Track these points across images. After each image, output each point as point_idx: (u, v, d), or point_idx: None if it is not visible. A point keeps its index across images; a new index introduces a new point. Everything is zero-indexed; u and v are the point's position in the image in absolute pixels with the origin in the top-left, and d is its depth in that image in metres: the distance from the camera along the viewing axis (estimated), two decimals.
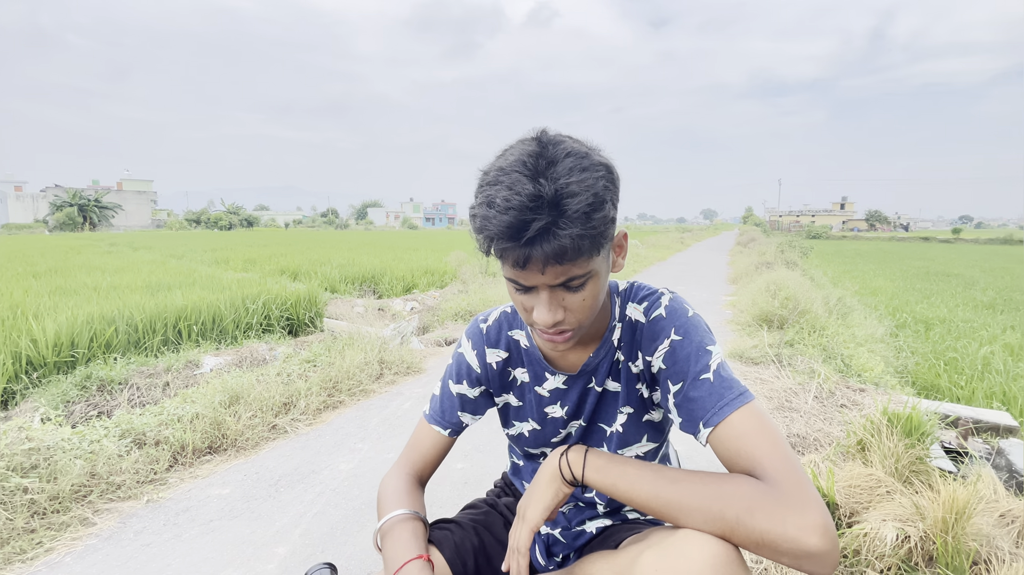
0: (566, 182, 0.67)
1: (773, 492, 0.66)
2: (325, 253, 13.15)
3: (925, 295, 9.52)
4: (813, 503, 0.64)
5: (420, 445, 1.02)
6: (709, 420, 0.76)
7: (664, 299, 0.87)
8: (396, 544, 0.85)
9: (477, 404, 1.02)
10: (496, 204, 0.68)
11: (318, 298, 6.36)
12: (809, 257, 16.29)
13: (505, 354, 0.99)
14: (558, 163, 0.69)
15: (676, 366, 0.82)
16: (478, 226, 0.71)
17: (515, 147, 0.74)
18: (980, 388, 4.13)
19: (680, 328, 0.83)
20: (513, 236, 0.68)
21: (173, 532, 1.98)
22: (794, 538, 0.62)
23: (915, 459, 2.07)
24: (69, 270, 8.89)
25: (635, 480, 0.75)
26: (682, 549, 0.67)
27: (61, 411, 3.20)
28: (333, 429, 2.97)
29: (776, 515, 0.64)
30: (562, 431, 0.98)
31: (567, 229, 0.67)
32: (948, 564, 1.54)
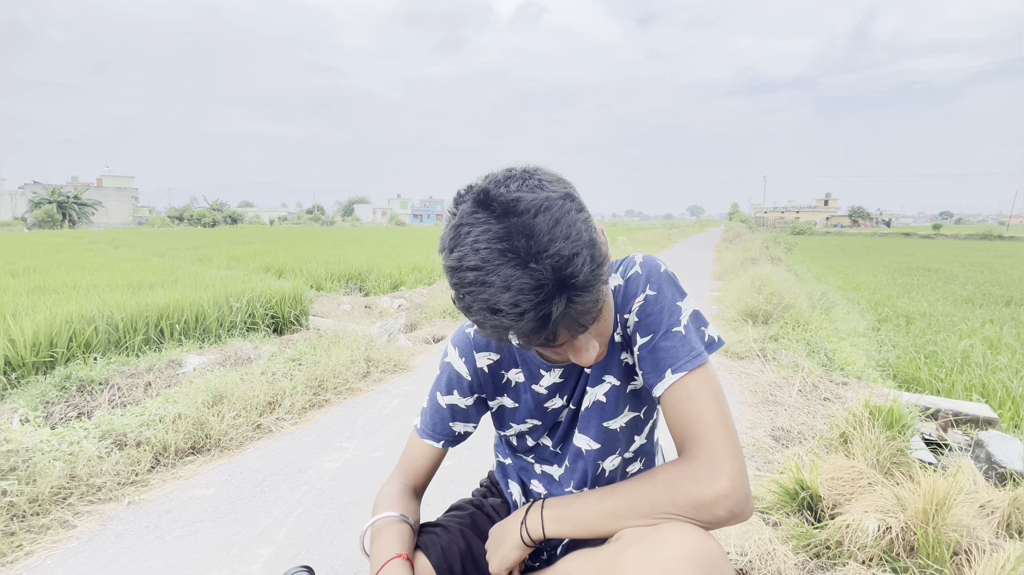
0: (556, 251, 0.62)
1: (693, 465, 0.75)
2: (311, 250, 13.02)
3: (906, 290, 9.67)
4: (727, 466, 0.73)
5: (413, 458, 1.01)
6: (674, 369, 0.80)
7: (638, 258, 0.89)
8: (380, 545, 0.87)
9: (469, 413, 0.99)
10: (502, 311, 0.63)
11: (303, 296, 6.29)
12: (793, 253, 16.49)
13: (496, 356, 0.96)
14: (534, 233, 0.62)
15: (648, 319, 0.84)
16: (489, 332, 0.67)
17: (468, 224, 0.65)
18: (960, 381, 4.20)
19: (655, 283, 0.85)
20: (537, 334, 0.65)
21: (155, 534, 1.95)
22: (708, 507, 0.72)
23: (896, 451, 2.11)
24: (48, 268, 8.70)
25: (588, 516, 0.82)
26: (661, 541, 0.69)
27: (40, 412, 3.13)
28: (319, 428, 2.94)
29: (694, 490, 0.73)
30: (559, 417, 0.97)
31: (584, 296, 0.64)
32: (929, 554, 1.57)
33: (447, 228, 0.68)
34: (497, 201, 0.64)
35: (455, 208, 0.69)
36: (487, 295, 0.63)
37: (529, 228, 0.62)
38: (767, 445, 2.65)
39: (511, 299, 0.62)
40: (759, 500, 2.04)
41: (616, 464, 0.96)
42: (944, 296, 8.95)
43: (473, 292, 0.64)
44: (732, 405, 3.25)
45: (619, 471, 0.97)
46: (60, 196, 47.24)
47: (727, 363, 4.12)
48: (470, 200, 0.66)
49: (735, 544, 1.73)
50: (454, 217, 0.68)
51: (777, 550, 1.67)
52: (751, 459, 2.51)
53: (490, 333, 0.67)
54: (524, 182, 0.67)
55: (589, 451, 0.94)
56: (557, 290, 0.62)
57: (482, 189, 0.66)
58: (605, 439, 0.93)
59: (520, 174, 0.69)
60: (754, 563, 1.66)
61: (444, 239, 0.68)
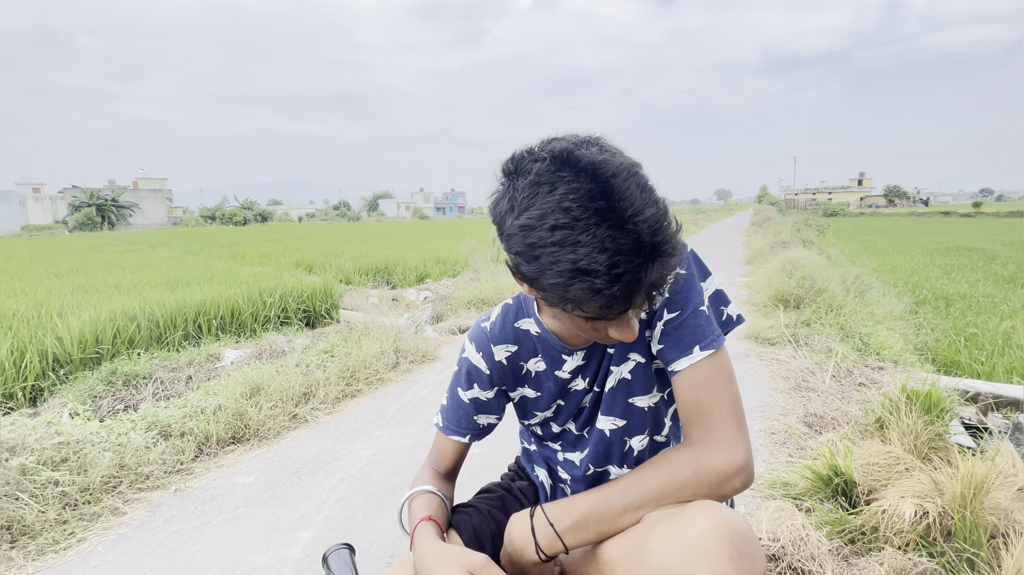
0: (650, 215, 0.61)
1: (713, 442, 0.78)
2: (339, 245, 13.25)
3: (945, 271, 9.34)
4: (742, 442, 0.77)
5: (441, 451, 1.03)
6: (692, 351, 0.81)
7: None
8: (413, 513, 0.91)
9: (492, 405, 1.00)
10: (597, 272, 0.60)
11: (333, 290, 6.42)
12: (826, 235, 16.04)
13: (514, 347, 0.95)
14: (627, 195, 0.61)
15: (676, 296, 0.84)
16: (574, 295, 0.63)
17: (550, 183, 0.62)
18: (1001, 363, 4.07)
19: (684, 262, 0.84)
20: (625, 299, 0.64)
21: (201, 519, 2.05)
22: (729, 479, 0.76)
23: (934, 436, 2.06)
24: (90, 269, 9.07)
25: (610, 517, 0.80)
26: (687, 520, 0.70)
27: (89, 406, 3.29)
28: (352, 417, 3.02)
29: (717, 465, 0.76)
30: (583, 400, 0.97)
31: (670, 261, 0.65)
32: (966, 539, 1.54)
33: (515, 187, 0.66)
34: (584, 161, 0.62)
35: (517, 169, 0.67)
36: (576, 255, 0.60)
37: (623, 191, 0.61)
38: (800, 431, 2.62)
39: (609, 260, 0.60)
40: (791, 486, 2.02)
41: (645, 444, 0.95)
42: (985, 276, 8.62)
43: (558, 253, 0.61)
44: (763, 392, 3.21)
45: (647, 451, 0.96)
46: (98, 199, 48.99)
47: (758, 349, 4.07)
48: (548, 159, 0.64)
49: (767, 530, 1.73)
50: (522, 176, 0.65)
51: (811, 536, 1.66)
52: (783, 445, 2.49)
53: (572, 296, 0.63)
54: (601, 148, 0.66)
55: (614, 430, 0.94)
56: (651, 255, 0.62)
57: (564, 149, 0.64)
58: (631, 417, 0.93)
59: (593, 139, 0.68)
60: (787, 549, 1.65)
61: (511, 198, 0.66)
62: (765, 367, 3.66)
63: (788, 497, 1.97)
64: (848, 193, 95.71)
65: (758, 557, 0.68)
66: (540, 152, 0.66)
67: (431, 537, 0.82)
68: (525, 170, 0.66)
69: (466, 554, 0.77)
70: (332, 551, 0.82)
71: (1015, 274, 8.77)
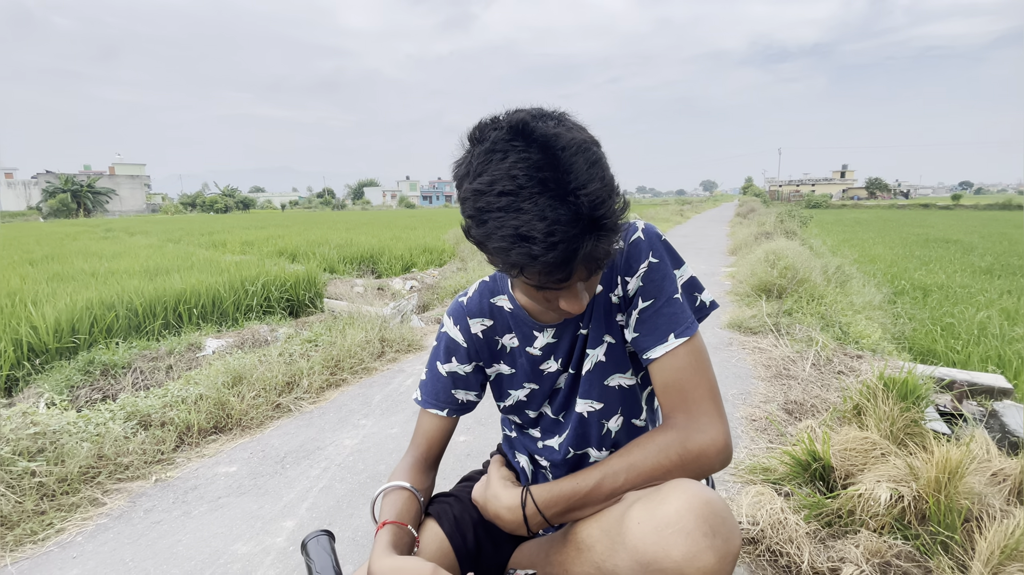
0: (593, 190, 0.63)
1: (695, 425, 0.81)
2: (323, 234, 13.10)
3: (924, 262, 9.53)
4: (722, 424, 0.81)
5: (423, 431, 1.02)
6: (672, 336, 0.84)
7: (640, 224, 0.90)
8: (380, 513, 0.89)
9: (470, 380, 1.00)
10: (535, 239, 0.63)
11: (317, 279, 6.35)
12: (808, 226, 16.25)
13: (490, 322, 0.98)
14: (572, 169, 0.63)
15: (651, 284, 0.86)
16: (514, 259, 0.65)
17: (503, 151, 0.65)
18: (976, 352, 4.16)
19: (657, 251, 0.88)
20: (561, 268, 0.66)
21: (182, 509, 2.03)
22: (710, 460, 0.80)
23: (910, 422, 2.11)
24: (66, 256, 8.86)
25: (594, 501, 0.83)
26: (663, 497, 0.71)
27: (65, 396, 3.23)
28: (336, 406, 3.00)
29: (698, 446, 0.80)
30: (557, 381, 0.98)
31: (609, 237, 0.67)
32: (940, 522, 1.58)
33: (472, 153, 0.68)
34: (537, 132, 0.65)
35: (480, 136, 0.69)
36: (518, 222, 0.63)
37: (569, 164, 0.63)
38: (780, 418, 2.66)
39: (546, 228, 0.62)
40: (771, 472, 2.06)
41: (620, 424, 0.96)
42: (962, 268, 8.81)
43: (502, 218, 0.64)
44: (745, 379, 3.25)
45: (623, 433, 0.96)
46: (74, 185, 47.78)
47: (740, 338, 4.12)
48: (505, 128, 0.66)
49: (747, 514, 1.76)
50: (480, 144, 0.68)
51: (789, 519, 1.69)
52: (764, 432, 2.53)
53: (512, 260, 0.66)
54: (559, 122, 0.68)
55: (592, 413, 0.95)
56: (589, 228, 0.64)
57: (520, 119, 0.66)
58: (608, 399, 0.94)
59: (553, 114, 0.70)
60: (766, 532, 1.68)
61: (468, 163, 0.68)
62: (747, 355, 3.71)
63: (768, 482, 2.00)
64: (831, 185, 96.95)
65: (733, 535, 0.69)
66: (501, 121, 0.68)
67: (383, 549, 0.79)
68: (484, 138, 0.68)
69: (413, 569, 0.74)
70: (311, 537, 0.81)
71: (992, 265, 8.97)
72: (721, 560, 0.66)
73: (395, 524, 0.85)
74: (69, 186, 47.38)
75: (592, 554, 0.80)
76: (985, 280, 7.55)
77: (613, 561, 0.75)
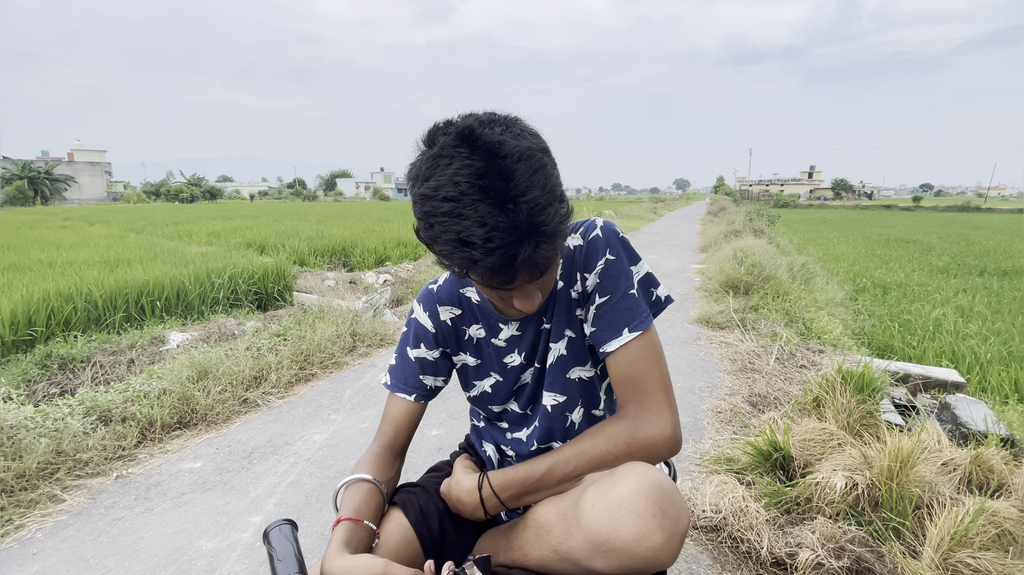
0: (533, 198, 0.66)
1: (646, 415, 0.85)
2: (293, 225, 12.85)
3: (884, 261, 9.88)
4: (672, 415, 0.85)
5: (390, 416, 1.02)
6: (628, 330, 0.87)
7: (599, 223, 0.94)
8: (340, 506, 0.89)
9: (438, 366, 1.03)
10: (474, 244, 0.65)
11: (287, 271, 6.24)
12: (776, 225, 16.66)
13: (458, 311, 1.01)
14: (514, 177, 0.65)
15: (607, 280, 0.90)
16: (457, 263, 0.69)
17: (449, 157, 0.67)
18: (931, 348, 4.35)
19: (615, 248, 0.91)
20: (501, 272, 0.68)
21: (145, 506, 1.98)
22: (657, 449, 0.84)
23: (866, 414, 2.19)
24: (22, 246, 8.50)
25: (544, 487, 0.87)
26: (615, 480, 0.75)
27: (22, 390, 3.11)
28: (306, 401, 2.97)
29: (649, 434, 0.83)
30: (521, 377, 1.00)
31: (550, 244, 0.69)
32: (892, 509, 1.65)
33: (423, 157, 0.70)
34: (482, 140, 0.66)
35: (432, 140, 0.70)
36: (460, 227, 0.65)
37: (510, 172, 0.65)
38: (744, 410, 2.73)
39: (484, 235, 0.65)
40: (735, 462, 2.12)
41: (581, 416, 0.99)
42: (920, 267, 9.16)
43: (445, 223, 0.66)
44: (712, 373, 3.33)
45: (586, 425, 0.99)
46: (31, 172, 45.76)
47: (708, 333, 4.21)
48: (453, 134, 0.68)
49: (710, 503, 1.81)
50: (431, 148, 0.69)
51: (750, 507, 1.75)
52: (729, 423, 2.60)
53: (455, 264, 0.70)
54: (508, 128, 0.70)
55: (556, 406, 0.97)
56: (528, 234, 0.66)
57: (467, 126, 0.68)
58: (570, 391, 0.97)
59: (503, 119, 0.71)
60: (728, 519, 1.73)
61: (418, 167, 0.70)
62: (715, 350, 3.79)
63: (731, 471, 2.06)
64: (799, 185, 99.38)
65: (682, 515, 0.72)
66: (451, 126, 0.70)
67: (336, 548, 0.78)
68: (434, 142, 0.70)
69: (364, 566, 0.73)
70: (273, 527, 0.80)
71: (948, 265, 9.36)
72: (669, 539, 0.70)
73: (350, 521, 0.84)
74: (26, 173, 45.36)
75: (550, 537, 0.82)
76: (942, 279, 7.88)
77: (569, 543, 0.78)
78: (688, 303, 5.35)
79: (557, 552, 0.81)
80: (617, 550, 0.71)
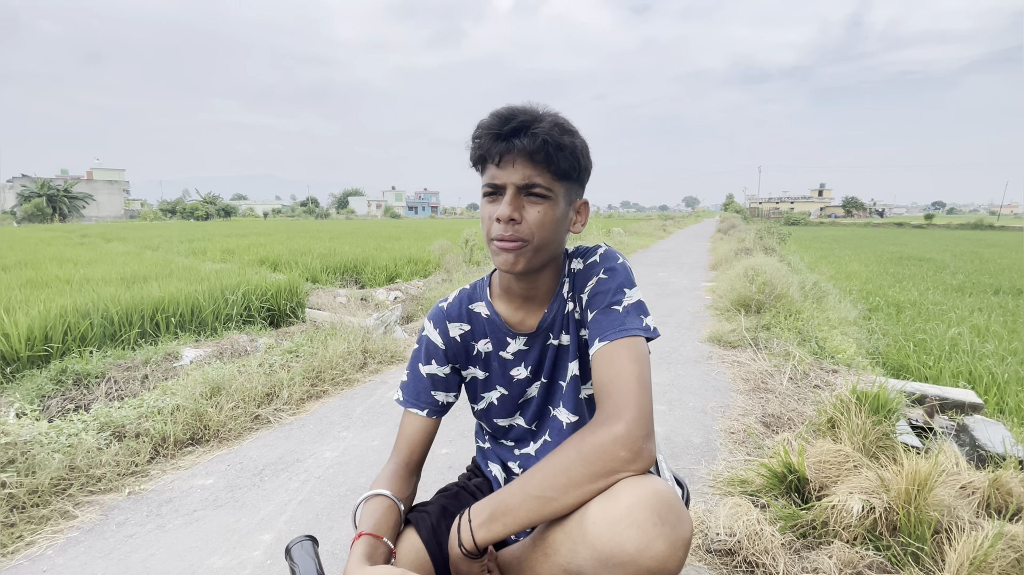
0: (549, 115, 0.86)
1: (597, 419, 0.81)
2: (306, 243, 12.99)
3: (898, 279, 9.77)
4: (627, 413, 0.78)
5: (405, 434, 1.04)
6: (602, 338, 0.88)
7: (600, 249, 0.98)
8: (359, 521, 0.90)
9: (449, 382, 1.05)
10: (499, 113, 0.85)
11: (299, 288, 6.30)
12: (787, 243, 16.57)
13: (467, 327, 1.04)
14: (546, 112, 0.87)
15: (595, 297, 0.93)
16: (472, 134, 0.87)
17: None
18: (947, 368, 4.28)
19: (608, 269, 0.95)
20: (499, 125, 0.83)
21: (156, 523, 1.98)
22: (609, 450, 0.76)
23: (882, 435, 2.16)
24: (40, 262, 8.66)
25: (514, 508, 0.81)
26: (615, 495, 0.75)
27: (37, 406, 3.15)
28: (317, 418, 2.98)
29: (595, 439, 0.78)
30: (527, 390, 1.03)
31: (543, 129, 0.83)
32: (911, 533, 1.62)
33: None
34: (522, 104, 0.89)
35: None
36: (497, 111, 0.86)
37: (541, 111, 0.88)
38: (758, 431, 2.70)
39: (502, 110, 0.86)
40: (748, 483, 2.09)
41: None
42: (934, 285, 9.05)
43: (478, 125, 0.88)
44: (724, 393, 3.30)
45: None
46: (50, 189, 46.77)
47: (720, 352, 4.18)
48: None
49: (724, 526, 1.78)
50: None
51: (765, 530, 1.72)
52: (742, 444, 2.57)
53: (473, 133, 0.87)
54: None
55: (569, 424, 1.00)
56: (530, 116, 0.84)
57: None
58: (581, 411, 1.00)
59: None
60: (742, 543, 1.70)
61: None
62: (727, 369, 3.76)
63: (745, 494, 2.03)
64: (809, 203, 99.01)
65: (682, 522, 0.72)
66: None
67: (357, 560, 0.79)
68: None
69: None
70: (295, 543, 0.81)
71: (963, 283, 9.24)
72: (672, 546, 0.70)
73: (370, 535, 0.85)
74: (45, 190, 46.34)
75: (558, 557, 0.82)
76: (956, 297, 7.77)
77: (577, 562, 0.78)
78: (699, 321, 5.32)
79: (567, 571, 0.81)
80: (623, 563, 0.71)
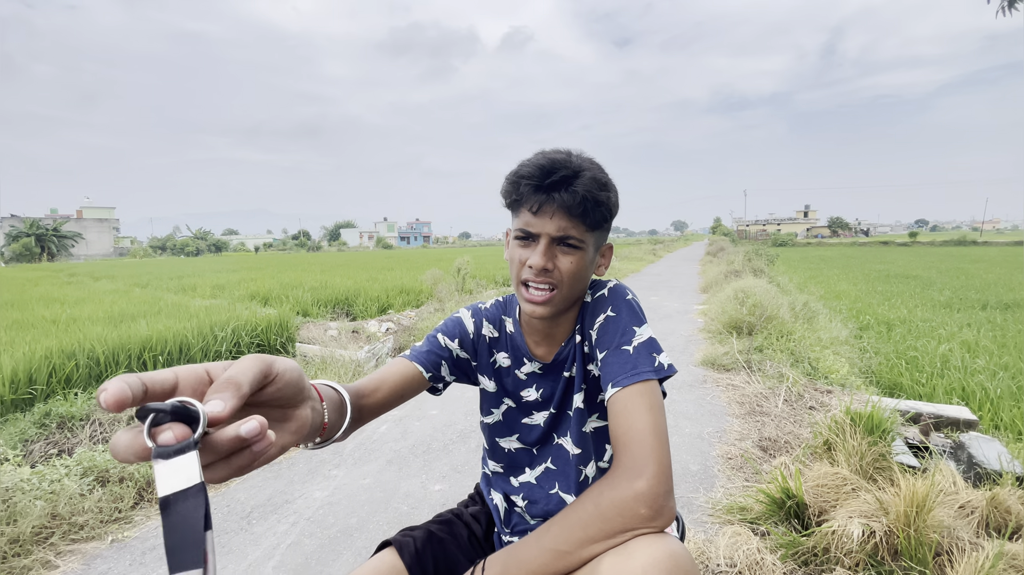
0: (588, 166, 0.86)
1: (616, 472, 0.76)
2: (297, 276, 12.94)
3: (886, 297, 9.85)
4: (648, 469, 0.74)
5: (386, 368, 0.94)
6: (615, 383, 0.85)
7: (610, 284, 0.98)
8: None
9: (459, 365, 1.03)
10: (530, 159, 0.86)
11: (290, 322, 6.24)
12: (775, 264, 16.74)
13: (496, 334, 1.06)
14: (584, 161, 0.87)
15: (604, 336, 0.91)
16: (510, 174, 0.87)
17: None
18: (940, 385, 4.28)
19: (616, 306, 0.93)
20: (540, 176, 0.84)
21: (140, 572, 1.92)
22: (630, 508, 0.72)
23: (878, 456, 2.15)
24: (26, 303, 8.55)
25: (529, 560, 0.77)
26: (629, 553, 0.71)
27: (19, 451, 3.06)
28: (307, 457, 2.91)
29: (615, 495, 0.74)
30: (534, 413, 1.03)
31: (583, 185, 0.83)
32: (912, 557, 1.60)
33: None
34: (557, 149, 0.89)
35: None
36: (521, 164, 0.87)
37: (582, 161, 0.88)
38: (755, 456, 2.68)
39: (541, 155, 0.87)
40: (747, 511, 2.06)
41: (594, 472, 1.00)
42: (923, 302, 9.13)
43: (514, 169, 0.88)
44: (720, 417, 3.28)
45: (597, 477, 0.99)
46: (38, 229, 46.57)
47: (714, 375, 4.16)
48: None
49: (724, 556, 1.75)
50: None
51: (766, 559, 1.69)
52: (740, 470, 2.54)
53: (512, 172, 0.88)
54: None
55: (574, 455, 0.99)
56: (572, 170, 0.84)
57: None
58: (584, 444, 0.99)
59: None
60: (743, 573, 1.67)
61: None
62: (721, 393, 3.74)
63: (744, 521, 2.00)
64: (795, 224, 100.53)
65: None
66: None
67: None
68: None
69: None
70: None
71: (950, 299, 9.33)
72: None
73: None
74: (33, 230, 46.14)
75: None
76: (945, 314, 7.84)
77: None
78: (692, 345, 5.32)
79: None
80: None
